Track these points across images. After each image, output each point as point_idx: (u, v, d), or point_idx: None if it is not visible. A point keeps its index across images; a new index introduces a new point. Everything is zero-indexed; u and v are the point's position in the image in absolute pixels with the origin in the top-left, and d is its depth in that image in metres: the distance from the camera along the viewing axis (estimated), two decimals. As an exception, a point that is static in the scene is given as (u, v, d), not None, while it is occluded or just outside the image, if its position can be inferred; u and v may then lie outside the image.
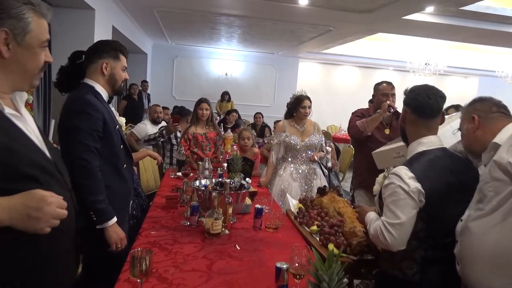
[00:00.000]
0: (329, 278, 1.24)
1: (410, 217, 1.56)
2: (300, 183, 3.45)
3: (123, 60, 2.00)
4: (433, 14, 6.00)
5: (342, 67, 13.01)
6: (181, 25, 8.46)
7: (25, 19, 1.13)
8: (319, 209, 2.41)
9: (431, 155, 1.66)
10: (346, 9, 5.89)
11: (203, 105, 3.98)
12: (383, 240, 1.60)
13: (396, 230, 1.56)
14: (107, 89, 1.97)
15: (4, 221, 1.02)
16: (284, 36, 8.74)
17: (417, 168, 1.61)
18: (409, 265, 1.63)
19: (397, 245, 1.58)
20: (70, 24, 5.14)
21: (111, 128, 1.90)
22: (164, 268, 1.66)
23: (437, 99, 1.71)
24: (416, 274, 1.62)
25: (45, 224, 1.06)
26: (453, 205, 1.60)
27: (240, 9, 6.57)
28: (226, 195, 2.15)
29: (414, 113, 1.74)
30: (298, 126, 3.53)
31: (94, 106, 1.83)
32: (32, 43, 1.15)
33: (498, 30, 6.40)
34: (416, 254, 1.62)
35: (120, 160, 1.97)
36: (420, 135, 1.73)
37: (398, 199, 1.57)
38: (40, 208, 1.04)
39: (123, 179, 1.99)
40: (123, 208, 2.03)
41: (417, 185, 1.56)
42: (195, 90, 11.12)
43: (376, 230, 1.64)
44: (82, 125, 1.77)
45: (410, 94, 1.78)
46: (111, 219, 1.80)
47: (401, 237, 1.57)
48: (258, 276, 1.66)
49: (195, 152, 3.92)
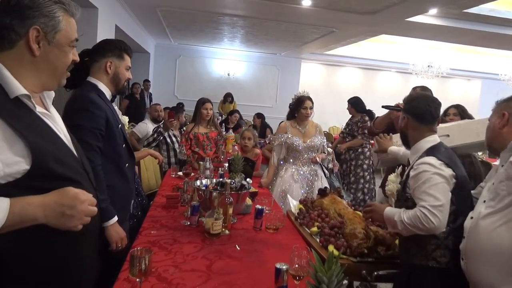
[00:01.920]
0: (329, 280, 1.24)
1: (448, 200, 1.67)
2: (301, 184, 3.45)
3: (127, 59, 2.01)
4: (437, 16, 5.99)
5: (344, 69, 13.00)
6: (184, 25, 8.47)
7: (56, 18, 1.14)
8: (319, 211, 2.40)
9: (442, 148, 1.83)
10: (350, 10, 5.89)
11: (208, 105, 3.99)
12: (427, 225, 1.64)
13: (440, 212, 1.64)
14: (110, 88, 1.98)
15: (39, 219, 1.04)
16: (287, 37, 8.74)
17: (442, 157, 1.74)
18: (443, 253, 1.70)
19: (442, 226, 1.66)
20: (73, 22, 5.15)
21: (113, 126, 1.90)
22: (163, 268, 1.66)
23: (436, 106, 1.88)
24: (450, 261, 1.69)
25: (78, 222, 1.09)
26: (467, 188, 1.81)
27: (243, 10, 6.58)
28: (226, 195, 2.15)
29: (417, 120, 1.88)
30: (300, 127, 3.52)
31: (96, 104, 1.83)
32: (62, 42, 1.16)
33: (501, 33, 6.40)
34: (449, 241, 1.70)
35: (122, 159, 1.97)
36: (424, 136, 1.87)
37: (435, 183, 1.67)
38: (74, 206, 1.07)
39: (125, 179, 1.99)
40: (124, 207, 2.03)
41: (449, 170, 1.70)
42: (197, 90, 11.11)
43: (415, 217, 1.67)
44: (85, 123, 1.78)
45: (412, 103, 1.93)
46: (111, 218, 1.79)
47: (444, 219, 1.65)
48: (257, 277, 1.65)
49: (196, 151, 3.92)
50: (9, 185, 1.03)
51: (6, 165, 1.02)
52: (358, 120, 5.38)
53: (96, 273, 1.37)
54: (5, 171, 1.02)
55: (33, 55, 1.12)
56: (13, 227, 1.01)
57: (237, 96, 10.90)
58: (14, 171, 1.03)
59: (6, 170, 1.02)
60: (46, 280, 1.13)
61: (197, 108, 4.02)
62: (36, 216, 1.04)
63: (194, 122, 4.03)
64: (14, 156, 1.03)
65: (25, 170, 1.04)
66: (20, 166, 1.04)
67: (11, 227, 1.00)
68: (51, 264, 1.14)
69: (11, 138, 1.03)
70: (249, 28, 8.24)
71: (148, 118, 5.08)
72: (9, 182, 1.03)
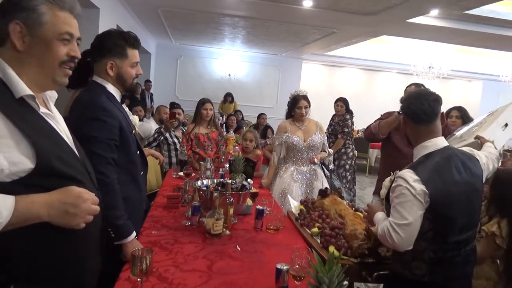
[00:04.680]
0: (329, 280, 1.24)
1: (416, 218, 1.60)
2: (300, 184, 3.44)
3: (131, 55, 1.80)
4: (438, 18, 5.99)
5: (345, 69, 13.01)
6: (185, 25, 8.48)
7: (38, 10, 1.10)
8: (320, 211, 2.40)
9: (437, 157, 1.69)
10: (351, 11, 5.89)
11: (208, 105, 4.00)
12: (390, 240, 1.63)
13: (403, 230, 1.60)
14: (119, 88, 1.83)
15: (43, 217, 1.06)
16: (288, 37, 8.74)
17: (421, 171, 1.64)
18: (419, 265, 1.66)
19: (404, 245, 1.62)
20: (75, 22, 5.16)
21: (127, 134, 1.77)
22: (164, 268, 1.66)
23: (430, 103, 1.72)
24: (425, 275, 1.65)
25: (81, 220, 1.11)
26: (459, 204, 1.65)
27: (244, 10, 6.58)
28: (227, 195, 2.15)
29: (412, 121, 1.77)
30: (299, 124, 3.51)
31: (109, 112, 1.69)
32: (48, 36, 1.12)
33: (502, 34, 6.40)
34: (425, 255, 1.65)
35: (137, 168, 1.86)
36: (422, 140, 1.76)
37: (405, 201, 1.61)
38: (77, 205, 1.10)
39: (139, 188, 1.89)
40: (138, 219, 1.97)
41: (422, 187, 1.60)
42: (198, 90, 11.13)
43: (383, 230, 1.67)
44: (98, 134, 1.64)
45: (404, 103, 1.81)
46: (130, 234, 1.69)
47: (407, 237, 1.61)
48: (258, 277, 1.65)
49: (197, 152, 3.93)
50: (14, 183, 1.05)
51: (13, 163, 1.03)
52: (340, 119, 5.68)
53: (97, 274, 1.36)
54: (11, 169, 1.03)
55: (18, 51, 1.10)
56: (17, 225, 1.02)
57: (238, 97, 10.92)
58: (19, 169, 1.05)
59: (12, 168, 1.03)
60: (48, 277, 1.14)
61: (198, 108, 4.03)
62: (40, 214, 1.05)
63: (195, 122, 4.04)
64: (20, 155, 1.04)
65: (30, 169, 1.05)
66: (26, 165, 1.05)
67: (16, 224, 1.02)
68: (53, 262, 1.15)
69: (18, 138, 1.04)
70: (250, 29, 8.25)
71: (152, 118, 5.09)
72: (14, 180, 1.05)
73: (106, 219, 1.61)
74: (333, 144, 5.59)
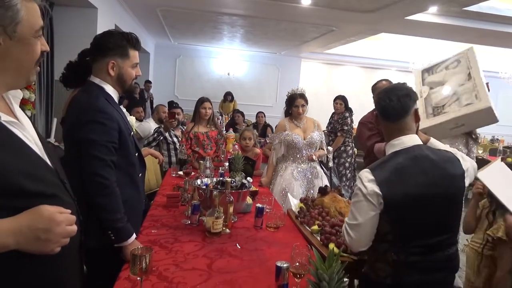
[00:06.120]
0: (329, 277, 1.24)
1: (367, 219, 1.54)
2: (301, 182, 3.44)
3: (133, 56, 1.80)
4: (436, 15, 5.99)
5: (345, 67, 13.00)
6: (183, 25, 8.47)
7: (14, 7, 0.95)
8: (320, 209, 2.40)
9: (400, 158, 1.59)
10: (349, 9, 5.89)
11: (206, 104, 4.00)
12: (344, 240, 1.66)
13: (354, 231, 1.58)
14: (117, 89, 1.81)
15: (10, 246, 0.92)
16: (287, 36, 8.74)
17: (379, 172, 1.57)
18: (382, 267, 1.59)
19: (355, 245, 1.61)
20: (73, 22, 5.16)
21: (126, 136, 1.76)
22: (164, 267, 1.66)
23: (399, 99, 1.59)
24: (388, 277, 1.57)
25: (55, 245, 0.97)
26: (423, 208, 1.54)
27: (243, 9, 6.58)
28: (227, 194, 2.14)
29: (381, 116, 1.68)
30: (297, 121, 3.51)
31: (108, 114, 1.67)
32: (25, 34, 0.99)
33: (501, 30, 6.39)
34: (388, 257, 1.57)
35: (135, 170, 1.85)
36: (391, 137, 1.66)
37: (357, 201, 1.58)
38: (50, 229, 0.95)
39: (138, 190, 1.88)
40: (138, 221, 1.97)
41: (374, 188, 1.52)
42: (197, 90, 11.13)
43: (342, 229, 1.68)
44: (97, 137, 1.62)
45: (375, 97, 1.71)
46: (130, 236, 1.68)
47: (357, 238, 1.58)
48: (258, 275, 1.65)
49: (196, 151, 3.93)
50: None
51: None
52: (339, 117, 5.71)
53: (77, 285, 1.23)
54: None
55: None
56: None
57: (238, 96, 10.92)
58: None
59: None
60: None
61: (196, 107, 4.04)
62: (7, 243, 0.91)
63: (194, 121, 4.04)
64: None
65: None
66: None
67: None
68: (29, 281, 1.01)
69: None
70: (249, 27, 8.24)
71: (151, 118, 5.08)
72: None
73: (105, 222, 1.63)
74: (332, 142, 5.60)
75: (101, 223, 1.63)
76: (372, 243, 1.59)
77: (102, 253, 1.66)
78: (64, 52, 4.48)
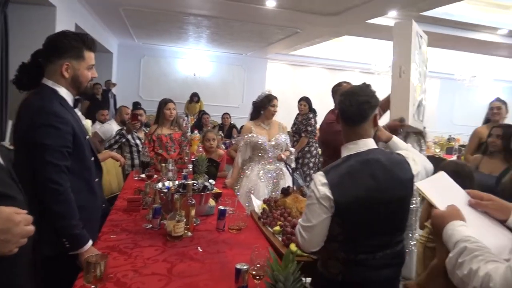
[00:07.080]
0: (285, 278, 1.26)
1: (319, 221, 1.58)
2: (267, 183, 3.47)
3: (88, 57, 1.76)
4: (396, 18, 6.18)
5: (310, 68, 13.18)
6: (148, 24, 8.32)
7: None
8: (282, 210, 2.43)
9: (352, 161, 1.62)
10: (313, 11, 6.00)
11: (171, 105, 3.94)
12: (297, 240, 1.70)
13: (306, 232, 1.61)
14: (72, 91, 1.76)
15: None
16: (252, 37, 8.77)
17: (332, 175, 1.59)
18: (333, 264, 1.64)
19: (307, 246, 1.65)
20: (29, 21, 4.94)
21: (81, 140, 1.72)
22: (123, 273, 1.63)
23: (359, 106, 1.61)
24: (339, 274, 1.63)
25: (14, 246, 0.97)
26: (372, 210, 1.58)
27: (208, 9, 6.55)
28: (188, 197, 2.13)
29: (341, 117, 1.70)
30: (264, 124, 3.55)
31: (61, 118, 1.63)
32: None
33: (455, 35, 6.68)
34: (338, 255, 1.62)
35: (92, 175, 1.82)
36: (347, 140, 1.69)
37: (311, 204, 1.61)
38: (8, 230, 0.95)
39: (94, 195, 1.85)
40: (94, 227, 1.92)
41: (326, 192, 1.55)
42: (163, 90, 10.94)
43: (295, 230, 1.72)
44: (51, 141, 1.58)
45: (339, 97, 1.71)
46: (86, 243, 1.65)
47: (310, 240, 1.62)
48: (219, 278, 1.65)
49: (159, 153, 3.87)
50: None
51: None
52: (303, 118, 5.82)
53: None
54: None
55: None
56: None
57: (204, 96, 10.86)
58: None
59: None
60: None
61: (160, 109, 3.97)
62: None
63: (157, 123, 3.98)
64: None
65: None
66: None
67: None
68: None
69: None
70: (214, 28, 8.21)
71: (113, 120, 4.95)
72: None
73: (60, 230, 1.59)
74: (297, 143, 5.67)
75: (56, 230, 1.59)
76: (323, 242, 1.63)
77: (57, 261, 1.61)
78: (20, 52, 4.26)
